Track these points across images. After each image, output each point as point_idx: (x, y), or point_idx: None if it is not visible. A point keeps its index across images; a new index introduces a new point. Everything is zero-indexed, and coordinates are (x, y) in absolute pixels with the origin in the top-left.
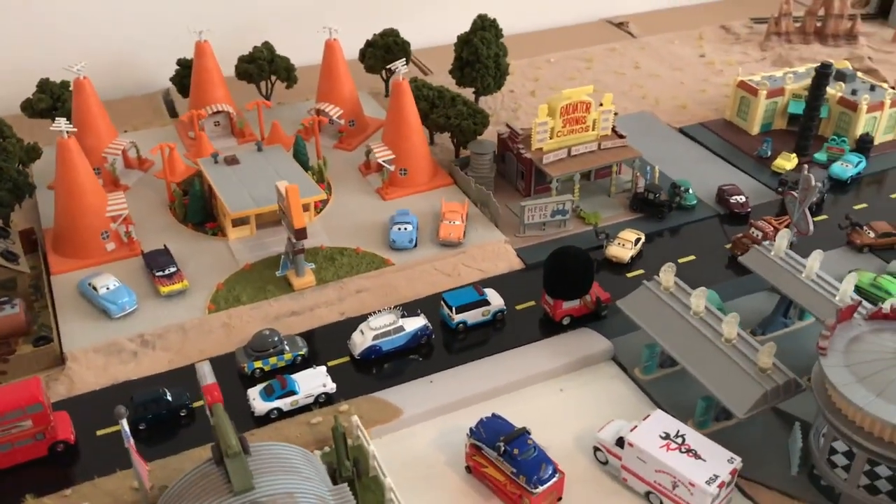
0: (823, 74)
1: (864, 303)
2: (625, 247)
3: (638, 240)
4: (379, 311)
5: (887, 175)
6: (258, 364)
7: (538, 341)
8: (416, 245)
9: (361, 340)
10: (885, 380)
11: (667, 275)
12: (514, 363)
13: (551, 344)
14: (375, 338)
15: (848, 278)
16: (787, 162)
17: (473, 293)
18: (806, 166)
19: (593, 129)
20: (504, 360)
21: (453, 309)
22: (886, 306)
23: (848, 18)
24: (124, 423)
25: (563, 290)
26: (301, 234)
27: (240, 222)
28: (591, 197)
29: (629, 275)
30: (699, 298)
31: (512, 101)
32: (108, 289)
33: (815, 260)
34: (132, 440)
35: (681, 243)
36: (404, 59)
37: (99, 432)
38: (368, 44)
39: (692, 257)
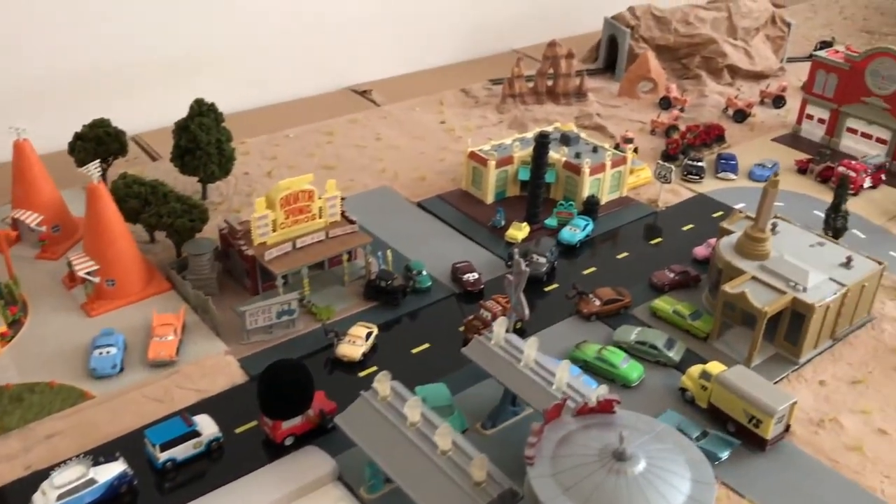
0: (542, 144)
1: (577, 394)
2: (355, 344)
3: (370, 334)
4: (67, 461)
5: (617, 234)
6: None
7: (260, 468)
8: (121, 370)
9: (43, 503)
10: (591, 486)
11: (382, 384)
12: (230, 500)
13: (272, 470)
14: (60, 497)
15: (561, 366)
16: (518, 232)
17: (181, 425)
18: (516, 250)
19: (321, 217)
20: (219, 499)
21: (157, 447)
22: (593, 399)
23: (576, 76)
24: None
25: (281, 409)
26: None
27: None
28: (326, 288)
29: (362, 374)
30: (413, 409)
31: (247, 184)
32: None
33: (532, 348)
34: None
35: (417, 330)
36: (98, 160)
37: None
38: (77, 136)
39: (427, 345)
